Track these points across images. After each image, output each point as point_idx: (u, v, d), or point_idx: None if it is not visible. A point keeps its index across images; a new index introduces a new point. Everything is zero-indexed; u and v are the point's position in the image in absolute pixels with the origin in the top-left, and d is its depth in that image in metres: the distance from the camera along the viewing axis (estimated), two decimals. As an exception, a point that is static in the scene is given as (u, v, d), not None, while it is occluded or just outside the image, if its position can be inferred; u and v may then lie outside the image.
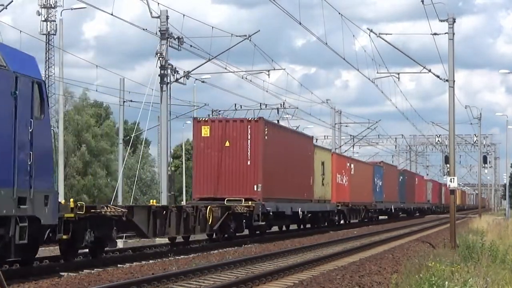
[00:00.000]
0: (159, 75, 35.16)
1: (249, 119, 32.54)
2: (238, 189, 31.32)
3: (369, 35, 31.84)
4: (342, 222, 50.14)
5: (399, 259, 23.49)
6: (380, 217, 64.99)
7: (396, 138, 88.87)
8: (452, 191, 30.38)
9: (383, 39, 31.57)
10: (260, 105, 54.03)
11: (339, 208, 46.22)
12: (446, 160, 64.86)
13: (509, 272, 17.43)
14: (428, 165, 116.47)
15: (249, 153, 31.54)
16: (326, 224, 45.01)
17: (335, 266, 21.27)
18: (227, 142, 31.63)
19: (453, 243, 27.97)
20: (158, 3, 36.51)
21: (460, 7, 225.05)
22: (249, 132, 31.61)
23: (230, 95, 77.22)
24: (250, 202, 30.19)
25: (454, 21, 30.07)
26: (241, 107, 54.03)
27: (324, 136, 79.29)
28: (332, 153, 47.66)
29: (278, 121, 58.86)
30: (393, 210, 65.59)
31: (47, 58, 79.79)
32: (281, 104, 54.48)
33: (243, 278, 17.11)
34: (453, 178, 29.82)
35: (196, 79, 41.99)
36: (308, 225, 43.33)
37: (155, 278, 16.71)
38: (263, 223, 31.07)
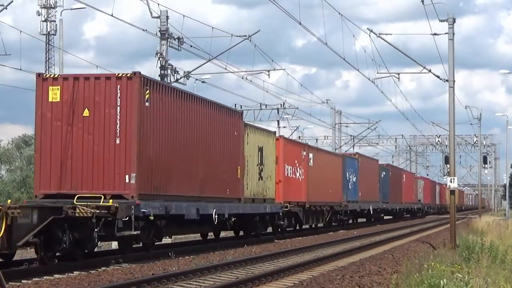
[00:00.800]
0: (159, 75, 35.19)
1: (119, 74, 21.67)
2: (99, 182, 21.36)
3: (369, 35, 31.89)
4: (306, 226, 41.93)
5: (399, 259, 23.49)
6: (360, 220, 57.19)
7: (396, 138, 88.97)
8: (452, 191, 30.36)
9: (383, 39, 31.60)
10: (260, 105, 54.21)
11: (289, 209, 35.47)
12: (446, 160, 64.83)
13: (509, 272, 17.44)
14: (428, 166, 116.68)
15: (118, 127, 21.34)
16: (271, 230, 35.56)
17: (335, 266, 21.28)
18: (86, 110, 21.63)
19: (453, 244, 27.97)
20: (158, 4, 36.69)
21: (461, 7, 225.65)
22: (119, 95, 21.39)
23: (230, 95, 77.64)
24: (111, 201, 20.18)
25: (454, 21, 30.10)
26: (241, 107, 54.18)
27: (324, 136, 79.46)
28: (279, 137, 35.76)
29: (278, 121, 59.10)
30: (371, 211, 54.86)
31: (47, 58, 79.87)
32: (281, 104, 54.63)
33: (243, 278, 17.12)
34: (453, 179, 29.82)
35: (196, 79, 42.05)
36: (249, 232, 32.93)
37: (155, 278, 16.72)
38: (136, 232, 21.01)
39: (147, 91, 21.77)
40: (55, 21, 73.34)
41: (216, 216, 25.95)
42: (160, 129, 22.69)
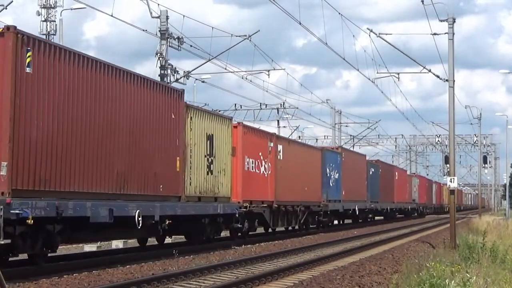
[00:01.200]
0: (159, 75, 35.23)
1: None
2: None
3: (369, 35, 31.93)
4: (281, 229, 37.20)
5: (399, 259, 23.50)
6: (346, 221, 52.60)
7: (396, 138, 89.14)
8: (452, 191, 30.35)
9: (383, 39, 31.62)
10: (260, 105, 54.29)
11: (250, 210, 30.28)
12: (446, 160, 64.85)
13: (509, 272, 17.45)
14: (428, 165, 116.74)
15: None
16: (229, 234, 31.05)
17: (335, 266, 21.28)
18: None
19: (453, 243, 27.98)
20: (158, 4, 36.74)
21: (461, 7, 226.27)
22: None
23: (230, 95, 77.98)
24: None
25: (454, 21, 30.13)
26: (241, 107, 54.35)
27: (324, 136, 79.55)
28: (237, 124, 30.32)
29: (278, 121, 58.93)
30: (357, 212, 49.10)
31: (47, 58, 79.90)
32: (281, 104, 54.73)
33: (243, 278, 17.11)
34: (453, 178, 29.81)
35: (196, 79, 42.21)
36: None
37: (155, 278, 16.71)
38: (4, 241, 15.73)
39: (29, 53, 16.60)
40: (55, 21, 73.27)
41: (140, 218, 20.65)
42: (52, 104, 17.39)
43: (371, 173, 55.11)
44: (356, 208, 48.70)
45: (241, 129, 30.37)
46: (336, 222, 50.34)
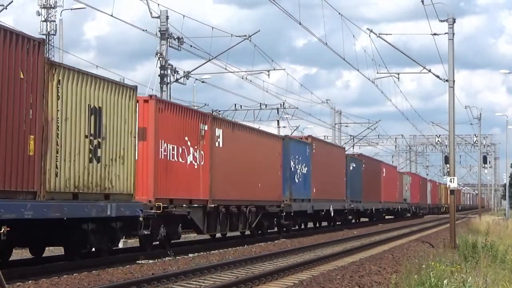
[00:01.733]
0: (159, 75, 35.25)
1: None
2: None
3: (369, 36, 31.97)
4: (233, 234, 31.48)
5: (399, 259, 23.51)
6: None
7: (396, 138, 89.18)
8: (452, 191, 30.36)
9: (383, 39, 31.65)
10: (260, 105, 54.31)
11: (168, 211, 23.08)
12: (446, 160, 64.85)
13: (509, 272, 17.46)
14: (428, 165, 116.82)
15: None
16: (132, 242, 26.64)
17: (335, 266, 21.30)
18: None
19: (453, 243, 28.00)
20: (158, 4, 36.77)
21: (462, 7, 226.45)
22: None
23: (230, 95, 77.99)
24: None
25: (454, 21, 30.17)
26: (241, 107, 54.37)
27: (324, 136, 79.54)
28: (148, 98, 23.16)
29: (278, 121, 58.94)
30: (332, 213, 41.50)
31: (47, 58, 79.73)
32: (281, 104, 54.73)
33: (243, 278, 17.12)
34: (453, 178, 29.82)
35: (196, 79, 42.27)
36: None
37: (155, 278, 16.72)
38: None
39: None
40: (55, 21, 73.37)
41: None
42: None
43: (351, 168, 48.17)
44: (331, 209, 41.39)
45: (155, 105, 23.00)
46: (311, 224, 44.63)
